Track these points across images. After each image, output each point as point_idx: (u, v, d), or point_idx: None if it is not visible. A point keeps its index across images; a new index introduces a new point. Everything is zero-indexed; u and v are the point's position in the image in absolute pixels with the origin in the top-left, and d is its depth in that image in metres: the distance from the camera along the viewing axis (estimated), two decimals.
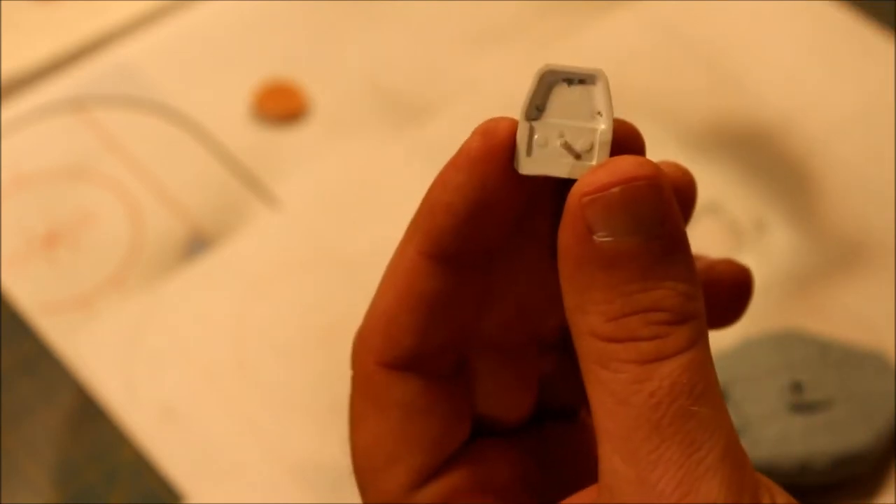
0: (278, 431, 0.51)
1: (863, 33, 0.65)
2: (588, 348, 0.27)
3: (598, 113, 0.28)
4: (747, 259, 0.57)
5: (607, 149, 0.28)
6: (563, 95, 0.28)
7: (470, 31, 0.65)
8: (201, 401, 0.52)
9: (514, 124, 0.28)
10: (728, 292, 0.33)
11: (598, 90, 0.28)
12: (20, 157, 0.60)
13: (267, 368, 0.53)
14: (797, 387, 0.49)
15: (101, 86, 0.63)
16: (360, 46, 0.64)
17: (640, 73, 0.63)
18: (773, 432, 0.48)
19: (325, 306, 0.55)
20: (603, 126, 0.28)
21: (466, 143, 0.29)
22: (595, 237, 0.27)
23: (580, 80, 0.28)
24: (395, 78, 0.63)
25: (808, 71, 0.64)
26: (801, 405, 0.49)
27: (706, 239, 0.56)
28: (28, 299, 0.55)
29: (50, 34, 0.64)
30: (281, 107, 0.62)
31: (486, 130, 0.28)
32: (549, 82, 0.28)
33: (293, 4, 0.66)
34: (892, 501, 0.49)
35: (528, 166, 0.28)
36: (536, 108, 0.28)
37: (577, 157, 0.28)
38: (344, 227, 0.57)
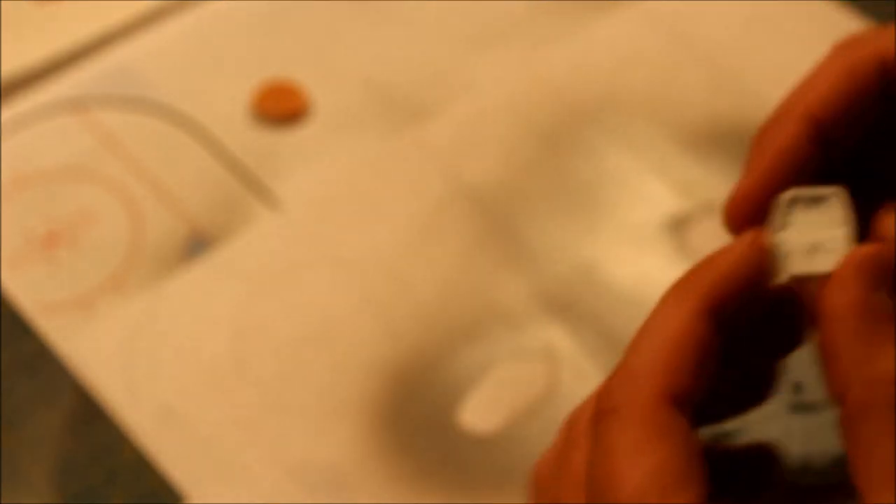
0: (278, 431, 0.51)
1: None
2: (885, 394, 0.30)
3: (837, 222, 0.33)
4: None
5: (853, 243, 0.33)
6: (803, 214, 0.33)
7: (470, 31, 0.65)
8: (201, 401, 0.52)
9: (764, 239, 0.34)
10: None
11: (835, 206, 0.33)
12: (20, 157, 0.60)
13: (267, 368, 0.53)
14: (797, 387, 0.49)
15: (101, 86, 0.63)
16: (360, 47, 0.64)
17: (640, 72, 0.63)
18: (773, 432, 0.48)
19: (325, 306, 0.55)
20: (845, 229, 0.33)
21: (740, 238, 0.34)
22: (875, 295, 0.31)
23: (818, 198, 0.33)
24: (396, 78, 0.63)
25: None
26: (801, 405, 0.49)
27: (706, 239, 0.56)
28: (28, 299, 0.55)
29: (50, 34, 0.64)
30: (281, 107, 0.62)
31: (751, 235, 0.34)
32: (792, 203, 0.34)
33: (293, 5, 0.66)
34: None
35: (790, 269, 0.33)
36: (782, 225, 0.33)
37: (826, 256, 0.32)
38: (344, 228, 0.57)
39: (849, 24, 0.65)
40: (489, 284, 0.56)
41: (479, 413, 0.52)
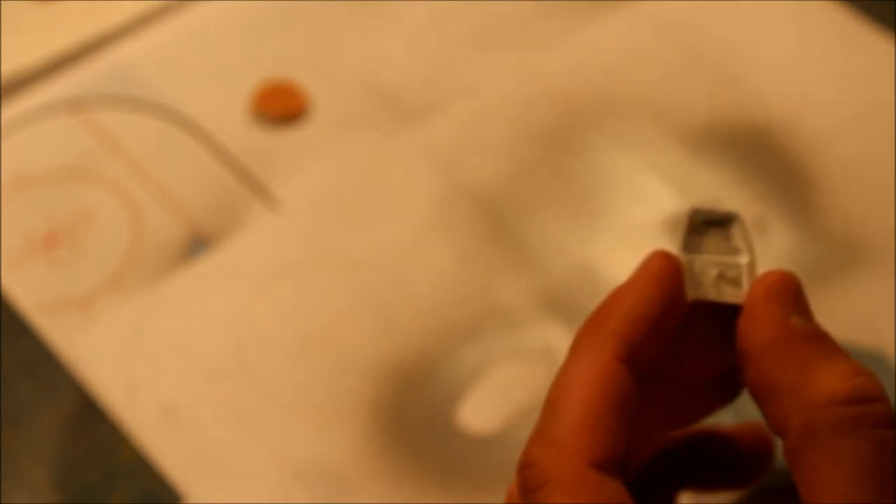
0: (278, 431, 0.51)
1: (863, 33, 0.65)
2: (826, 418, 0.29)
3: (737, 248, 0.34)
4: None
5: (754, 275, 0.33)
6: (707, 235, 0.34)
7: (470, 31, 0.65)
8: (201, 401, 0.52)
9: (675, 257, 0.33)
10: (752, 459, 0.37)
11: (735, 231, 0.34)
12: (20, 157, 0.60)
13: (267, 368, 0.53)
14: None
15: (101, 86, 0.63)
16: (360, 46, 0.65)
17: (641, 73, 0.63)
18: None
19: (325, 306, 0.55)
20: (746, 259, 0.33)
21: (649, 262, 0.32)
22: (792, 320, 0.31)
23: (719, 221, 0.34)
24: (395, 78, 0.63)
25: (808, 71, 0.64)
26: None
27: None
28: (28, 299, 0.55)
29: (50, 34, 0.64)
30: (281, 107, 0.62)
31: (661, 255, 0.33)
32: (696, 222, 0.34)
33: (293, 5, 0.66)
34: None
35: (703, 293, 0.33)
36: (687, 244, 0.34)
37: (731, 285, 0.33)
38: (344, 228, 0.58)
39: (849, 24, 0.65)
40: (489, 284, 0.56)
41: (479, 413, 0.52)
